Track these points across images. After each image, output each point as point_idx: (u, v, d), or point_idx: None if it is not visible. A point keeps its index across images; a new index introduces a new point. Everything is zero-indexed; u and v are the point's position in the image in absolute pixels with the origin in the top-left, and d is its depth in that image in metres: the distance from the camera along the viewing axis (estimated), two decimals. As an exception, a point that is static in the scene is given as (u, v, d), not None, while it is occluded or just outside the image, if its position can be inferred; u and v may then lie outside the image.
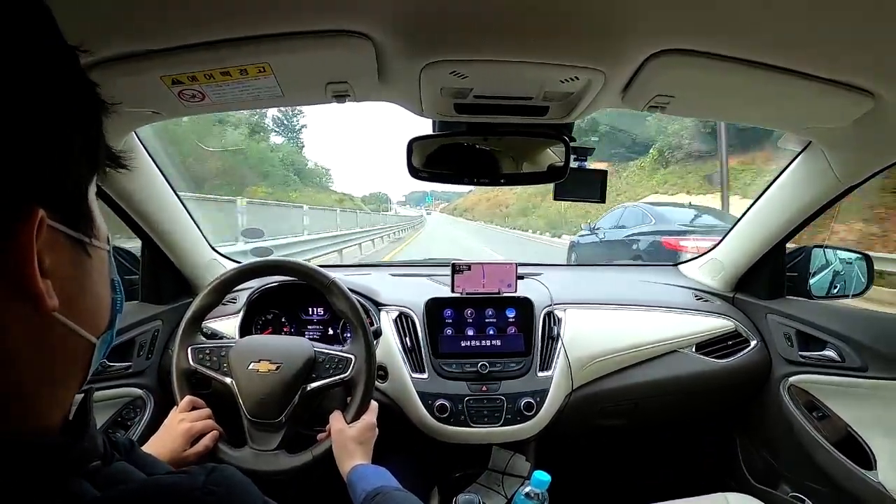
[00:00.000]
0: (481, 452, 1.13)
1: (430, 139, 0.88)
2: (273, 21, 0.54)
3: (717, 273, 1.40)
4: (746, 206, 1.26)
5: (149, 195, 1.02)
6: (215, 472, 0.30)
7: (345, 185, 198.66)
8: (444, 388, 1.06)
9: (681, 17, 0.54)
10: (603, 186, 0.97)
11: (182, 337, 0.86)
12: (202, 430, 0.78)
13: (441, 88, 0.70)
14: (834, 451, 1.06)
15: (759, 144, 11.42)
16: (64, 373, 0.29)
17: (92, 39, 0.54)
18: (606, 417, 1.20)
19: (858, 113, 0.73)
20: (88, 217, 0.29)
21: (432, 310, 1.15)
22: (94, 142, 0.29)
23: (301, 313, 1.22)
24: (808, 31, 0.55)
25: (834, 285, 1.20)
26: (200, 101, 0.70)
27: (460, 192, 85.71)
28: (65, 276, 0.27)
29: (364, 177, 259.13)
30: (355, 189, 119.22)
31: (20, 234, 0.24)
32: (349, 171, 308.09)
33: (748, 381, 1.23)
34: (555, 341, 1.14)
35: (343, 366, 0.83)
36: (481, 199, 38.65)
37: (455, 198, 72.42)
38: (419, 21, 0.55)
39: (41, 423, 0.27)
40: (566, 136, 0.86)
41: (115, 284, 0.34)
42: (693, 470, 1.46)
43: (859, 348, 1.04)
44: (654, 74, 0.64)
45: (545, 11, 0.53)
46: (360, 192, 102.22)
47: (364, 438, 0.78)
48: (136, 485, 0.30)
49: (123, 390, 1.02)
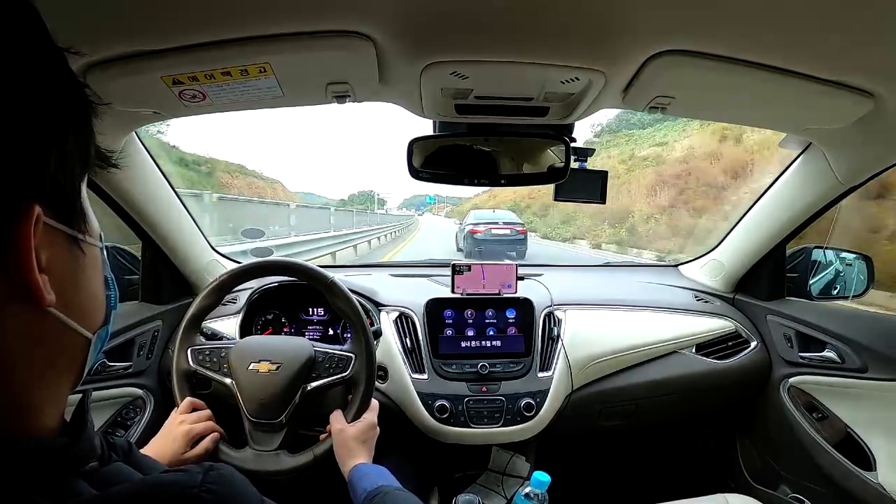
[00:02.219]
0: (481, 453, 1.13)
1: (431, 140, 0.88)
2: (274, 21, 0.54)
3: (717, 274, 1.40)
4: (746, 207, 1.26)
5: (149, 195, 1.02)
6: (213, 471, 0.30)
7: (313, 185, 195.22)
8: (444, 388, 1.06)
9: (681, 18, 0.54)
10: (603, 187, 0.97)
11: (182, 338, 0.86)
12: (202, 431, 0.77)
13: (441, 89, 0.70)
14: (834, 452, 1.06)
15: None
16: (60, 369, 0.29)
17: (93, 39, 0.54)
18: (606, 418, 1.20)
19: (858, 114, 0.73)
20: (82, 214, 0.30)
21: (432, 310, 1.15)
22: (87, 141, 0.29)
23: (301, 314, 1.22)
24: (808, 32, 0.55)
25: (834, 286, 1.20)
26: (201, 102, 0.70)
27: (467, 194, 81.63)
28: (60, 273, 0.28)
29: (349, 176, 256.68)
30: (336, 189, 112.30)
31: (19, 231, 0.24)
32: (322, 170, 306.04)
33: (748, 382, 1.23)
34: (555, 342, 1.14)
35: (343, 365, 0.83)
36: (492, 197, 35.55)
37: (462, 201, 67.07)
38: (420, 22, 0.55)
39: (37, 420, 0.28)
40: (567, 136, 0.87)
41: (108, 281, 0.34)
42: (693, 470, 1.46)
43: (859, 349, 1.04)
44: (654, 75, 0.64)
45: (546, 12, 0.53)
46: (343, 192, 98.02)
47: (365, 437, 0.78)
48: (133, 483, 0.30)
49: (123, 390, 1.02)
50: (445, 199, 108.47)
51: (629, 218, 14.61)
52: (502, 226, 10.23)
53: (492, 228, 10.03)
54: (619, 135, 27.48)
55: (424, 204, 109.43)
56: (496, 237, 9.90)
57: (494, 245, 9.70)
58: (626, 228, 14.34)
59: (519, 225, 10.65)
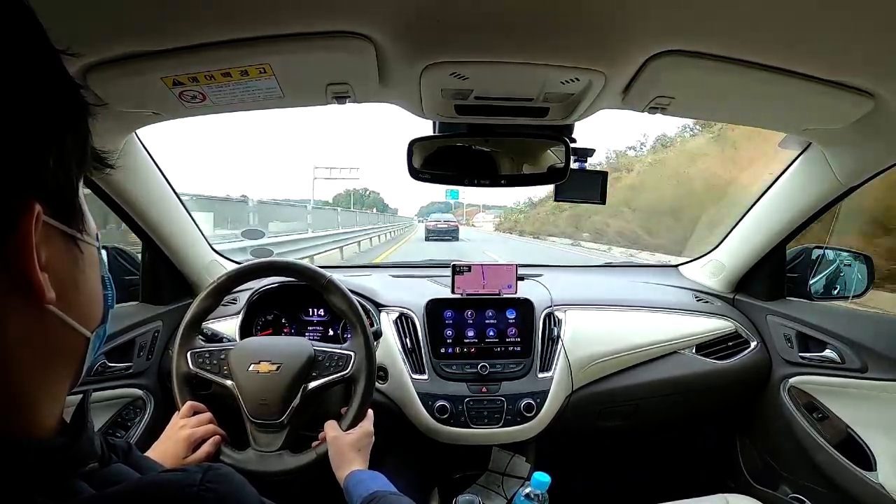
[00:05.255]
0: (481, 453, 1.13)
1: (431, 140, 0.88)
2: (274, 22, 0.54)
3: (717, 274, 1.40)
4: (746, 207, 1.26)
5: (149, 196, 1.02)
6: (212, 470, 0.30)
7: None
8: (444, 389, 1.06)
9: (681, 19, 0.54)
10: (603, 187, 0.97)
11: (181, 341, 0.86)
12: (203, 435, 0.77)
13: (441, 90, 0.70)
14: (834, 452, 1.06)
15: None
16: (59, 368, 0.30)
17: (93, 40, 0.54)
18: (606, 418, 1.20)
19: (858, 114, 0.73)
20: (80, 213, 0.30)
21: (433, 311, 1.15)
22: (83, 141, 0.29)
23: (301, 314, 1.22)
24: (808, 32, 0.55)
25: (834, 286, 1.20)
26: (201, 102, 0.70)
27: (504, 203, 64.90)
28: (60, 271, 0.28)
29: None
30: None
31: (20, 228, 0.24)
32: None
33: (748, 382, 1.23)
34: (555, 342, 1.14)
35: (343, 363, 0.83)
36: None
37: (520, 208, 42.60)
38: (420, 22, 0.55)
39: (37, 420, 0.28)
40: (567, 137, 0.87)
41: (106, 281, 0.34)
42: (693, 471, 1.46)
43: (859, 349, 1.04)
44: (654, 75, 0.64)
45: (546, 12, 0.53)
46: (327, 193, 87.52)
47: (361, 445, 0.78)
48: (132, 482, 0.30)
49: (123, 391, 1.02)
50: (491, 207, 78.31)
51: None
52: (443, 222, 19.51)
53: (438, 224, 19.21)
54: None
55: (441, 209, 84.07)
56: (440, 228, 18.73)
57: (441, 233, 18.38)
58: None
59: (453, 221, 20.42)
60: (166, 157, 1.03)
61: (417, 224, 42.64)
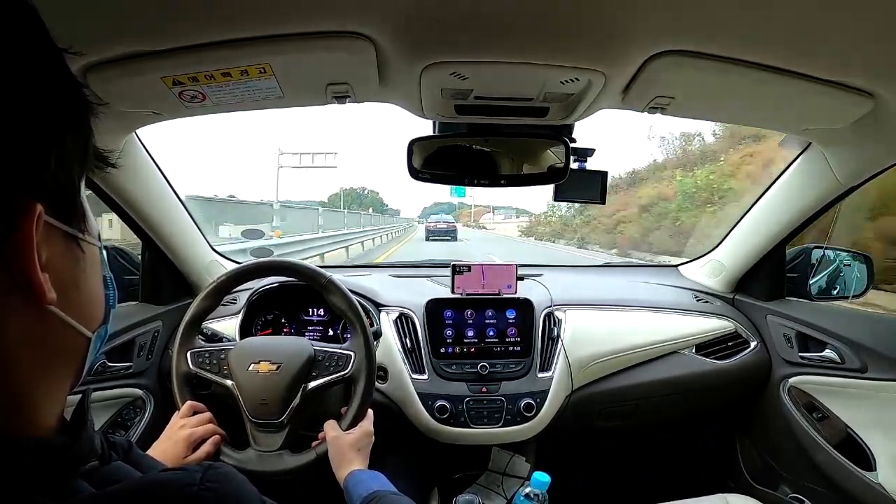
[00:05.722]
0: (481, 453, 1.13)
1: (431, 140, 0.88)
2: (274, 22, 0.54)
3: (717, 274, 1.40)
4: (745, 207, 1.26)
5: (149, 196, 1.02)
6: (212, 469, 0.30)
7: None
8: (444, 388, 1.06)
9: (681, 19, 0.54)
10: (603, 187, 0.97)
11: (181, 341, 0.86)
12: (203, 435, 0.77)
13: (441, 90, 0.70)
14: (834, 452, 1.06)
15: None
16: (59, 368, 0.30)
17: (93, 40, 0.54)
18: (606, 418, 1.20)
19: (858, 114, 0.73)
20: (81, 213, 0.30)
21: (432, 311, 1.15)
22: (85, 140, 0.29)
23: (301, 314, 1.22)
24: (808, 32, 0.55)
25: (834, 286, 1.20)
26: (201, 102, 0.70)
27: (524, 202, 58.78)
28: (61, 271, 0.28)
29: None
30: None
31: (21, 228, 0.24)
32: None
33: (748, 382, 1.23)
34: (555, 342, 1.14)
35: (343, 363, 0.83)
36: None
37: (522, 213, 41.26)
38: (420, 22, 0.55)
39: (37, 419, 0.28)
40: (566, 137, 0.87)
41: (107, 281, 0.34)
42: (693, 471, 1.46)
43: (859, 349, 1.04)
44: (654, 75, 0.64)
45: (545, 12, 0.53)
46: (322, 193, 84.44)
47: (361, 445, 0.78)
48: (132, 481, 0.30)
49: (123, 391, 1.02)
50: (499, 208, 68.77)
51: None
52: (442, 223, 20.09)
53: (438, 224, 19.82)
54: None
55: (444, 210, 70.54)
56: (439, 228, 19.32)
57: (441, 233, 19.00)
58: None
59: (452, 222, 20.76)
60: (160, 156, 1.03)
61: (418, 225, 42.67)
